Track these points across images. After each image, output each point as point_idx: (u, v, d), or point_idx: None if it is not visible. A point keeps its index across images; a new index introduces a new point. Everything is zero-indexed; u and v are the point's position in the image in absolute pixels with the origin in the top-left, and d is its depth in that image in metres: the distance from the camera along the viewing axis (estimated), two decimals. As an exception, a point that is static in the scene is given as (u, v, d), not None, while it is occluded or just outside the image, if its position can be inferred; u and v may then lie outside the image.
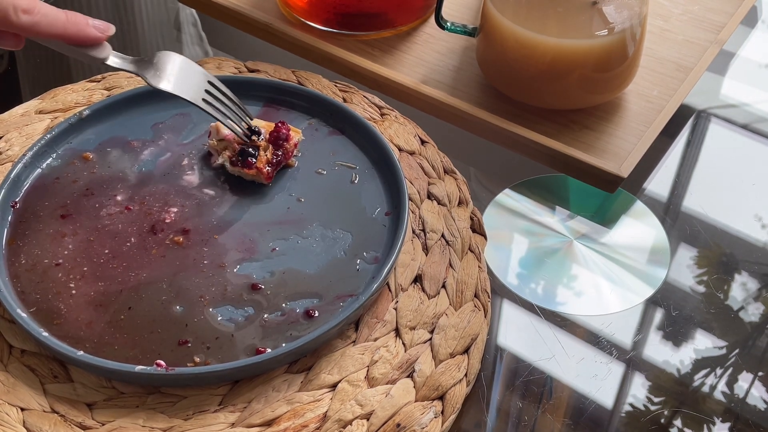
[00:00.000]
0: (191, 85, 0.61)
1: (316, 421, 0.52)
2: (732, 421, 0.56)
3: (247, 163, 0.64)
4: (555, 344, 0.59)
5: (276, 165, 0.64)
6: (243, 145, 0.64)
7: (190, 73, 0.61)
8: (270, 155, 0.64)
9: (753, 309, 0.62)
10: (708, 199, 0.69)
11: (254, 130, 0.65)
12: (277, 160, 0.64)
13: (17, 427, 0.52)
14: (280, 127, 0.64)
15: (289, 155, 0.65)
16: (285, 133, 0.64)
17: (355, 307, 0.56)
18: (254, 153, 0.64)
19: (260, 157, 0.64)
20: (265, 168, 0.63)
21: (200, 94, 0.61)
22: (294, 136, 0.65)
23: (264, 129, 0.65)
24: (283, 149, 0.64)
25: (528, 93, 0.70)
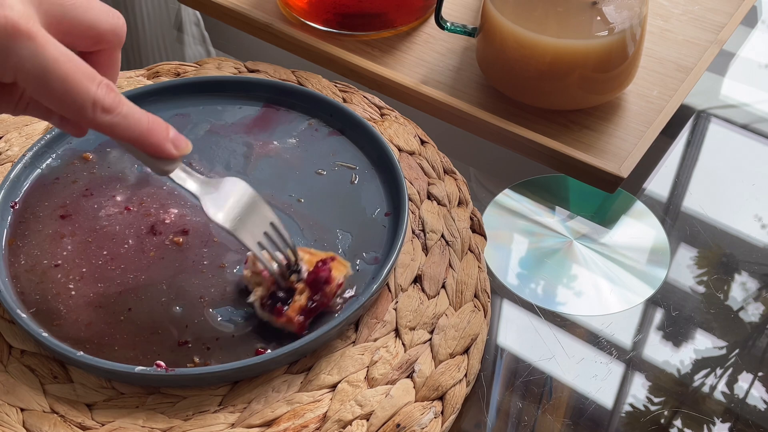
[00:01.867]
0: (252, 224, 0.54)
1: (316, 421, 0.52)
2: (732, 421, 0.56)
3: (276, 309, 0.55)
4: (555, 344, 0.59)
5: (310, 313, 0.55)
6: (276, 287, 0.56)
7: (253, 209, 0.55)
8: (305, 300, 0.55)
9: (753, 309, 0.62)
10: (708, 199, 0.69)
11: (293, 268, 0.56)
12: (312, 306, 0.55)
13: (17, 427, 0.52)
14: (320, 268, 0.56)
15: (329, 299, 0.56)
16: (325, 276, 0.56)
17: (355, 307, 0.56)
18: (287, 298, 0.55)
19: (293, 304, 0.55)
20: (296, 317, 0.55)
21: (258, 235, 0.55)
22: (337, 276, 0.56)
23: (306, 266, 0.56)
24: (321, 293, 0.56)
25: (528, 93, 0.70)
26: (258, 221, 0.55)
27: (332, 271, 0.56)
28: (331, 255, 0.57)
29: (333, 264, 0.56)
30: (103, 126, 0.47)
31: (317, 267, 0.56)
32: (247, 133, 0.69)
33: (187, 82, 0.71)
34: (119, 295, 0.58)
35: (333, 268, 0.56)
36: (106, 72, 0.50)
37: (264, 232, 0.55)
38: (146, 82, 0.73)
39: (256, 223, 0.55)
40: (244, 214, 0.54)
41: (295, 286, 0.56)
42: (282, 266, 0.56)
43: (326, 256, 0.57)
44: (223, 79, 0.71)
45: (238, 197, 0.54)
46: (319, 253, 0.58)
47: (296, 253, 0.56)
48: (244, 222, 0.54)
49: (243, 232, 0.54)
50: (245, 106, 0.71)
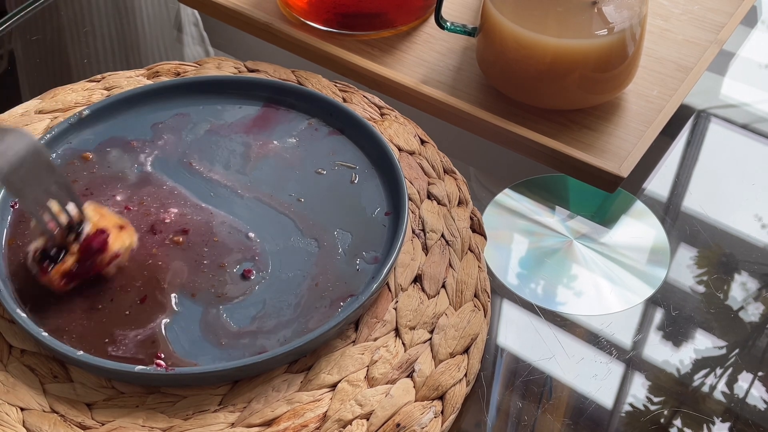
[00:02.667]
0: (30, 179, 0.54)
1: (316, 421, 0.52)
2: (732, 421, 0.56)
3: (42, 267, 0.55)
4: (555, 344, 0.59)
5: (74, 277, 0.55)
6: (51, 243, 0.55)
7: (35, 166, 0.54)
8: (71, 264, 0.55)
9: (753, 309, 0.62)
10: (708, 199, 0.69)
11: (75, 228, 0.55)
12: (77, 271, 0.55)
13: (17, 427, 0.52)
14: (93, 236, 0.55)
15: (100, 268, 0.56)
16: (98, 245, 0.55)
17: (355, 307, 0.56)
18: (57, 257, 0.55)
19: (59, 265, 0.55)
20: (58, 279, 0.55)
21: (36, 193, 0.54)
22: (115, 247, 0.56)
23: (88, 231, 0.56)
24: (91, 261, 0.55)
25: (528, 93, 0.70)
26: (41, 177, 0.54)
27: (110, 241, 0.55)
28: (122, 224, 0.57)
29: (116, 234, 0.56)
30: None
31: (94, 234, 0.55)
32: (247, 132, 0.69)
33: (187, 82, 0.71)
34: (119, 294, 0.58)
35: (115, 237, 0.56)
36: None
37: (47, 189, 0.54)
38: (146, 81, 0.73)
39: (37, 179, 0.54)
40: (25, 168, 0.53)
41: (70, 246, 0.55)
42: (61, 225, 0.55)
43: (117, 223, 0.57)
44: (223, 79, 0.71)
45: (19, 149, 0.53)
46: (112, 218, 0.57)
47: (82, 213, 0.56)
48: (23, 177, 0.53)
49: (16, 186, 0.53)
50: (245, 105, 0.71)
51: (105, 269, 0.57)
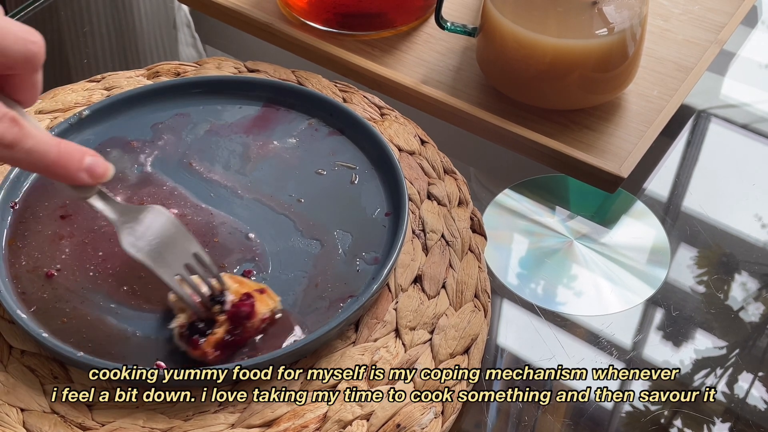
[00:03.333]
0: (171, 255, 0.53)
1: (316, 421, 0.52)
2: (732, 421, 0.56)
3: (192, 341, 0.53)
4: (555, 344, 0.59)
5: (227, 347, 0.54)
6: (196, 318, 0.54)
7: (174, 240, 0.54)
8: (222, 334, 0.54)
9: (753, 309, 0.62)
10: (708, 199, 0.69)
11: (217, 298, 0.54)
12: (230, 340, 0.54)
13: (17, 427, 0.52)
14: (240, 303, 0.54)
15: (251, 334, 0.55)
16: (246, 311, 0.54)
17: (355, 307, 0.56)
18: (206, 330, 0.54)
19: (210, 336, 0.53)
20: (212, 351, 0.53)
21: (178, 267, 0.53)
22: (262, 311, 0.55)
23: (232, 297, 0.55)
24: (242, 328, 0.54)
25: (528, 93, 0.70)
26: (179, 252, 0.54)
27: (256, 305, 0.54)
28: (261, 287, 0.56)
29: (260, 297, 0.55)
30: (6, 161, 0.46)
31: (240, 301, 0.54)
32: (247, 132, 0.69)
33: (187, 82, 0.71)
34: (119, 294, 0.58)
35: (259, 301, 0.55)
36: (22, 95, 0.48)
37: (186, 263, 0.54)
38: (146, 82, 0.73)
39: (177, 254, 0.53)
40: (163, 245, 0.53)
41: (217, 318, 0.54)
42: (204, 297, 0.54)
43: (256, 288, 0.56)
44: (223, 79, 0.71)
45: (157, 228, 0.53)
46: (251, 284, 0.56)
47: (222, 283, 0.55)
48: (162, 254, 0.53)
49: (160, 264, 0.53)
50: (245, 105, 0.71)
51: (256, 334, 0.55)
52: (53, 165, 0.47)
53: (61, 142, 0.48)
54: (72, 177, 0.48)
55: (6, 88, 0.47)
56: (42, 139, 0.46)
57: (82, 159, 0.49)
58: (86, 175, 0.49)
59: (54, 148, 0.47)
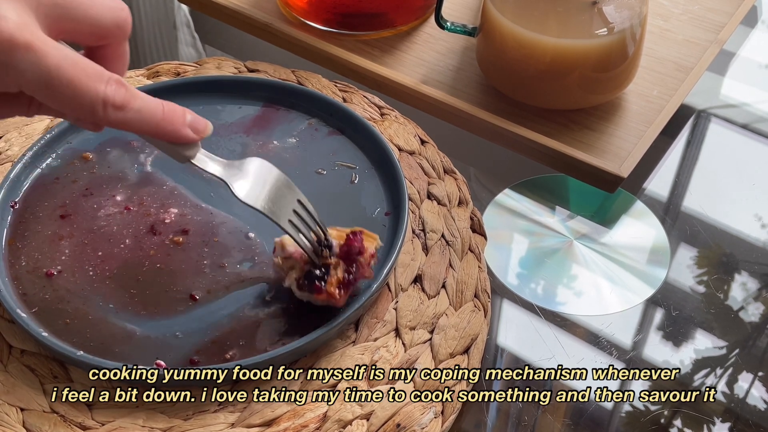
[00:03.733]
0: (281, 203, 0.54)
1: (316, 421, 0.52)
2: (732, 421, 0.56)
3: (315, 287, 0.55)
4: (555, 344, 0.59)
5: (349, 285, 0.55)
6: (310, 265, 0.56)
7: (280, 189, 0.55)
8: (341, 274, 0.55)
9: (753, 309, 0.62)
10: (708, 199, 0.69)
11: (325, 243, 0.56)
12: (350, 278, 0.55)
13: (17, 427, 0.52)
14: (351, 239, 0.55)
15: (364, 271, 0.56)
16: (357, 246, 0.55)
17: (355, 307, 0.56)
18: (323, 275, 0.55)
19: (330, 279, 0.55)
20: (337, 291, 0.55)
21: (288, 214, 0.54)
22: (369, 247, 0.56)
23: (336, 241, 0.56)
24: (357, 265, 0.55)
25: (528, 93, 0.70)
26: (287, 200, 0.55)
27: (364, 242, 0.56)
28: (360, 229, 0.57)
29: (363, 236, 0.56)
30: (118, 123, 0.46)
31: (349, 239, 0.55)
32: (247, 132, 0.69)
33: (187, 81, 0.71)
34: (119, 294, 0.58)
35: (363, 239, 0.56)
36: (114, 65, 0.49)
37: (293, 210, 0.55)
38: (146, 82, 0.73)
39: (285, 203, 0.54)
40: (273, 194, 0.54)
41: (329, 262, 0.55)
42: (314, 244, 0.55)
43: (352, 230, 0.57)
44: (223, 79, 0.71)
45: (264, 177, 0.54)
46: (345, 229, 0.57)
47: (325, 230, 0.56)
48: (275, 202, 0.54)
49: (276, 213, 0.53)
50: (245, 105, 0.71)
51: (368, 270, 0.56)
52: (162, 122, 0.48)
53: (163, 101, 0.48)
54: (179, 133, 0.49)
55: (97, 61, 0.47)
56: (148, 98, 0.47)
57: (184, 115, 0.49)
58: (190, 130, 0.49)
59: (160, 107, 0.48)
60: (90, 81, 0.45)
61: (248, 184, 0.53)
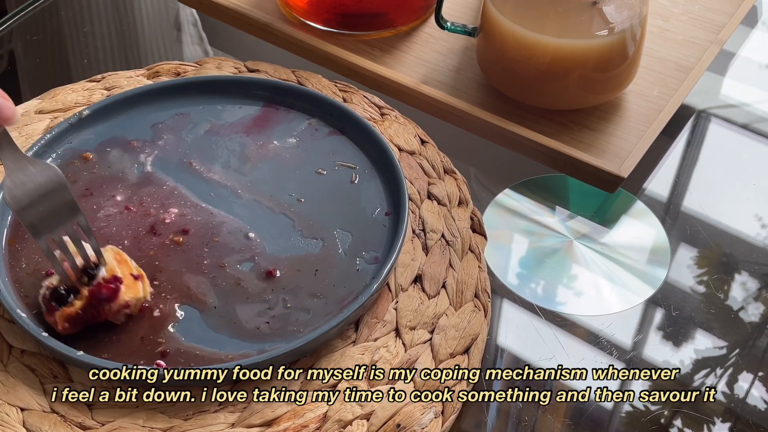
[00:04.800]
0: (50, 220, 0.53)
1: (316, 421, 0.52)
2: (732, 421, 0.56)
3: (50, 307, 0.54)
4: (555, 344, 0.59)
5: (78, 323, 0.54)
6: (61, 286, 0.55)
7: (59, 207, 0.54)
8: (78, 308, 0.54)
9: (753, 309, 0.62)
10: (708, 199, 0.69)
11: (90, 272, 0.55)
12: (82, 316, 0.54)
13: (17, 427, 0.52)
14: (104, 285, 0.54)
15: (108, 316, 0.55)
16: (107, 294, 0.54)
17: (355, 307, 0.56)
18: (66, 299, 0.54)
19: (65, 308, 0.54)
20: (62, 322, 0.54)
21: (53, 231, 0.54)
22: (127, 297, 0.55)
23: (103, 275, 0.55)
24: (99, 308, 0.54)
25: (528, 93, 0.70)
26: (61, 219, 0.54)
27: (122, 290, 0.54)
28: (140, 272, 0.56)
29: (131, 283, 0.55)
30: None
31: (105, 282, 0.54)
32: (247, 132, 0.69)
33: (187, 82, 0.71)
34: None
35: (128, 287, 0.55)
36: None
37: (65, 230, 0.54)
38: (146, 81, 0.73)
39: (57, 221, 0.54)
40: (46, 208, 0.53)
41: (81, 289, 0.54)
42: (75, 266, 0.55)
43: (134, 272, 0.56)
44: (223, 79, 0.71)
45: (47, 190, 0.53)
46: (131, 267, 0.56)
47: (100, 256, 0.55)
48: (43, 218, 0.53)
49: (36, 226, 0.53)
50: (245, 105, 0.71)
51: (113, 318, 0.55)
52: None
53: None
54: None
55: None
56: None
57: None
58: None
59: None
60: None
61: (20, 183, 0.53)
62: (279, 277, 0.59)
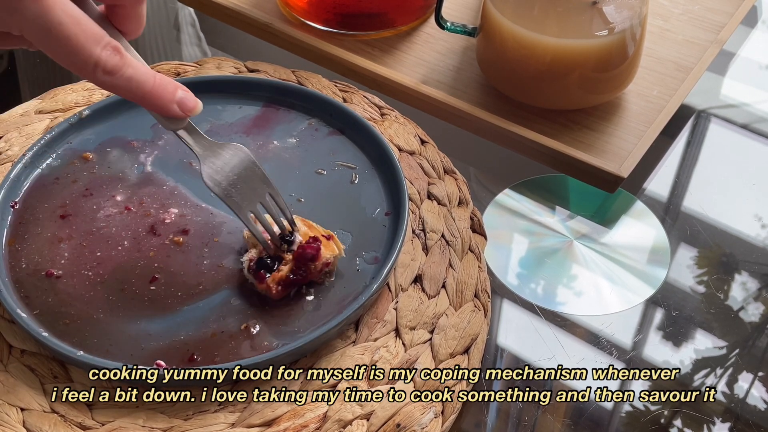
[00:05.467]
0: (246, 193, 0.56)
1: (316, 421, 0.52)
2: (732, 421, 0.56)
3: (259, 275, 0.57)
4: (555, 344, 0.59)
5: (290, 285, 0.57)
6: (265, 254, 0.58)
7: (251, 179, 0.57)
8: (287, 272, 0.57)
9: (753, 309, 0.62)
10: (708, 199, 0.69)
11: (287, 238, 0.58)
12: (293, 279, 0.57)
13: (17, 427, 0.52)
14: (308, 245, 0.57)
15: (313, 276, 0.58)
16: (311, 253, 0.57)
17: (355, 307, 0.56)
18: (272, 266, 0.57)
19: (275, 273, 0.57)
20: (275, 286, 0.57)
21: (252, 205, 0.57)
22: (326, 255, 0.57)
23: (301, 239, 0.58)
24: (306, 269, 0.57)
25: (528, 93, 0.70)
26: (257, 192, 0.57)
27: (322, 249, 0.57)
28: (329, 233, 0.59)
29: (326, 243, 0.58)
30: (106, 86, 0.49)
31: (307, 243, 0.57)
32: (247, 132, 0.69)
33: (187, 82, 0.71)
34: (119, 294, 0.58)
35: (324, 246, 0.58)
36: (128, 25, 0.52)
37: (260, 201, 0.57)
38: (146, 81, 0.73)
39: (253, 194, 0.57)
40: (240, 183, 0.56)
41: (284, 255, 0.57)
42: (275, 235, 0.58)
43: (323, 233, 0.59)
44: (223, 79, 0.71)
45: (237, 165, 0.56)
46: (319, 229, 0.59)
47: (293, 224, 0.59)
48: (240, 192, 0.56)
49: (236, 201, 0.56)
50: (245, 105, 0.71)
51: (317, 277, 0.58)
52: (149, 94, 0.50)
53: (157, 74, 0.51)
54: (165, 107, 0.51)
55: (113, 18, 0.52)
56: (141, 69, 0.50)
57: (175, 91, 0.52)
58: (177, 107, 0.52)
59: (151, 79, 0.50)
60: (87, 42, 0.47)
61: (218, 168, 0.56)
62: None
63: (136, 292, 0.58)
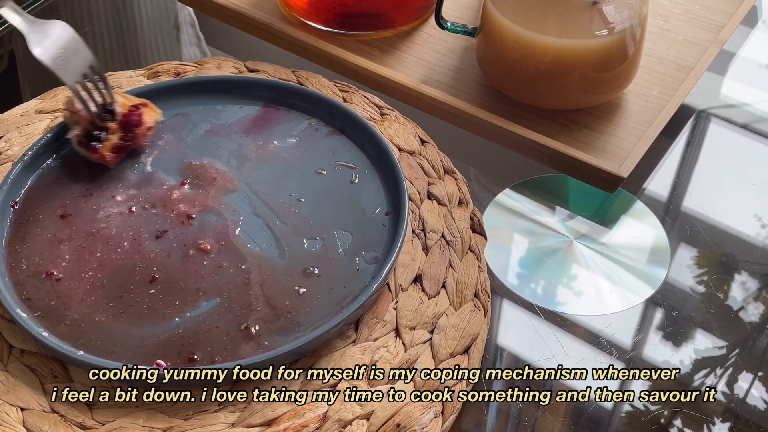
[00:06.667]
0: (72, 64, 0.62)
1: (316, 421, 0.52)
2: (732, 421, 0.56)
3: (91, 147, 0.63)
4: (555, 344, 0.59)
5: (122, 150, 0.64)
6: (91, 126, 0.64)
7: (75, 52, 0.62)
8: (117, 140, 0.64)
9: (753, 309, 0.62)
10: (708, 199, 0.69)
11: (108, 109, 0.64)
12: (123, 145, 0.64)
13: (17, 427, 0.52)
14: (131, 112, 0.64)
15: (139, 139, 0.65)
16: (136, 119, 0.64)
17: (355, 307, 0.56)
18: (100, 136, 0.63)
19: (106, 142, 0.63)
20: (109, 154, 0.63)
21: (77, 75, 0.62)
22: (148, 120, 0.65)
23: (120, 109, 0.64)
24: (133, 134, 0.64)
25: (528, 93, 0.70)
26: (78, 62, 0.63)
27: (143, 115, 0.64)
28: (144, 101, 0.65)
29: (145, 109, 0.65)
30: None
31: (129, 111, 0.64)
32: (247, 132, 0.69)
33: (187, 81, 0.71)
34: (119, 294, 0.58)
35: (144, 113, 0.64)
36: None
37: (83, 73, 0.63)
38: (146, 81, 0.73)
39: (76, 64, 0.62)
40: (67, 54, 0.62)
41: (108, 126, 0.63)
42: (98, 106, 0.64)
43: (139, 102, 0.65)
44: (223, 79, 0.71)
45: (62, 39, 0.62)
46: (134, 99, 0.66)
47: (112, 96, 0.64)
48: (67, 62, 0.62)
49: (63, 70, 0.61)
50: (245, 105, 0.71)
51: (142, 140, 0.65)
52: None
53: None
54: None
55: None
56: None
57: None
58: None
59: None
60: None
61: (47, 43, 0.61)
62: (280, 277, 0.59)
63: (137, 293, 0.58)
